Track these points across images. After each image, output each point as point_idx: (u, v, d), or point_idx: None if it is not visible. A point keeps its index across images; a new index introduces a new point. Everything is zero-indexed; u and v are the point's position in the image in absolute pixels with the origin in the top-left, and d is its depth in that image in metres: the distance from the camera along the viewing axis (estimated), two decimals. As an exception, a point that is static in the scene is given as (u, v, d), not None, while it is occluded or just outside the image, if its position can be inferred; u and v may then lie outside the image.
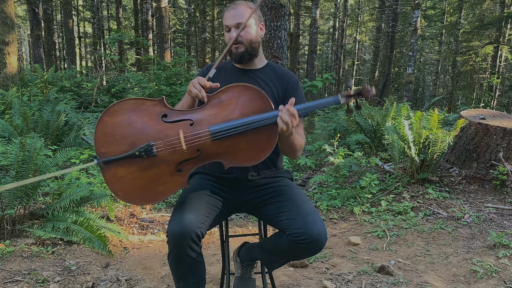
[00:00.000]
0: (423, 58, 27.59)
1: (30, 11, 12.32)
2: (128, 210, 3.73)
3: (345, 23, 21.54)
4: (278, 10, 5.07)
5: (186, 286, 1.84)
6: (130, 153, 1.69)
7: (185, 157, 1.71)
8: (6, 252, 2.71)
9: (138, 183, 1.73)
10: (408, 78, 11.80)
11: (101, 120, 1.73)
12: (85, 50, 25.88)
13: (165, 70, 8.02)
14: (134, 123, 1.72)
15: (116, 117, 1.72)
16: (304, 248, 1.76)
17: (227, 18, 1.96)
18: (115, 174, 1.72)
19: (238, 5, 1.95)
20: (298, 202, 1.86)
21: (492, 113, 4.49)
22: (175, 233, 1.69)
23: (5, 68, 7.73)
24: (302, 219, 1.76)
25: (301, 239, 1.73)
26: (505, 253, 2.89)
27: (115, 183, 1.73)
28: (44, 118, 5.00)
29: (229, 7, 1.98)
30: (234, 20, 1.92)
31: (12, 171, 2.91)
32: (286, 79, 2.02)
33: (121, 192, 1.74)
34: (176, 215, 1.75)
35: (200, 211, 1.79)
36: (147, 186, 1.74)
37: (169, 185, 1.74)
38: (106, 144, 1.71)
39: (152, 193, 1.75)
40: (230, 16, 1.95)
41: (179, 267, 1.79)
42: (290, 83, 2.01)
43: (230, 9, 1.97)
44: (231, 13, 1.94)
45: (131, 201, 1.78)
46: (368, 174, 4.24)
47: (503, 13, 14.74)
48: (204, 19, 18.77)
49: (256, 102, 1.74)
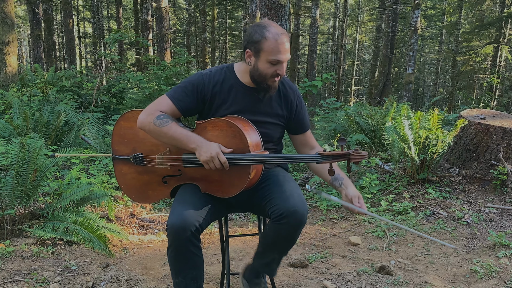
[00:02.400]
0: (423, 58, 27.59)
1: (30, 11, 12.32)
2: (128, 210, 3.73)
3: (345, 23, 21.54)
4: (278, 10, 5.07)
5: (183, 281, 1.84)
6: (127, 158, 2.00)
7: (169, 173, 1.96)
8: (6, 252, 2.71)
9: (135, 183, 2.03)
10: (408, 78, 11.80)
11: (118, 122, 2.01)
12: (85, 50, 25.88)
13: (165, 70, 8.01)
14: (138, 132, 1.96)
15: (128, 123, 1.99)
16: (285, 224, 1.77)
17: (279, 51, 1.80)
18: (121, 170, 2.04)
19: (286, 37, 1.81)
20: (280, 182, 1.91)
21: (492, 113, 4.49)
22: (175, 225, 1.73)
23: (5, 68, 7.73)
24: (280, 196, 1.81)
25: (279, 215, 1.77)
26: (505, 253, 2.89)
27: (120, 177, 2.05)
28: (44, 118, 5.00)
29: (278, 36, 1.79)
30: (287, 56, 1.82)
31: (12, 171, 2.91)
32: (290, 100, 2.02)
33: (123, 186, 2.06)
34: (175, 209, 1.79)
35: (199, 205, 1.83)
36: (141, 188, 2.03)
37: (157, 192, 2.01)
38: (118, 144, 2.02)
39: (144, 194, 2.04)
40: (283, 50, 1.81)
41: (178, 260, 1.81)
42: (294, 103, 2.03)
43: (281, 41, 1.79)
44: (284, 48, 1.81)
45: (130, 196, 2.07)
46: (368, 174, 4.24)
47: (503, 13, 14.74)
48: (204, 19, 18.77)
49: (235, 140, 1.82)
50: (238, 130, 1.81)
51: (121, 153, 2.01)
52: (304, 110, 2.08)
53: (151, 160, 1.96)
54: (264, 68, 1.83)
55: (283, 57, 1.81)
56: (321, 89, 14.78)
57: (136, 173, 2.01)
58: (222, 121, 1.84)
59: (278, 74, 1.84)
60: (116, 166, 2.04)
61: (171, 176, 1.96)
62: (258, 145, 1.88)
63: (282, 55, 1.81)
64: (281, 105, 2.00)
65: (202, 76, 1.93)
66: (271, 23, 1.84)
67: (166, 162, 1.93)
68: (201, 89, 1.91)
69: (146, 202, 2.10)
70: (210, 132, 1.86)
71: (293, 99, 2.03)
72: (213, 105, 1.94)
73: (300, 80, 18.40)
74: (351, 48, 26.05)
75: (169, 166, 1.93)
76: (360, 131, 5.69)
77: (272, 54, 1.80)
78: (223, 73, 1.96)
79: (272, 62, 1.81)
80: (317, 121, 7.55)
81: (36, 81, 7.92)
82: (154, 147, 1.94)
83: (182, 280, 1.84)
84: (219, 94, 1.93)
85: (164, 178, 1.97)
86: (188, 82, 1.93)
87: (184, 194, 1.89)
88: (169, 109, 1.89)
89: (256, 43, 1.81)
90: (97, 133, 4.92)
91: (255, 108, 1.96)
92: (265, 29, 1.81)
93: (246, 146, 1.80)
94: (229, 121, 1.83)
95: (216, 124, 1.85)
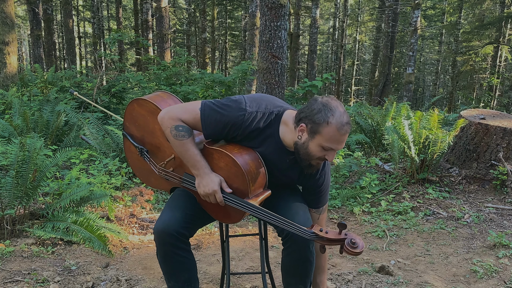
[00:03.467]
0: (423, 58, 27.59)
1: (30, 11, 12.32)
2: (128, 210, 3.73)
3: (345, 23, 21.55)
4: (278, 10, 5.07)
5: (176, 284, 1.85)
6: (135, 144, 2.00)
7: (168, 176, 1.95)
8: (6, 252, 2.71)
9: (140, 164, 2.05)
10: (408, 78, 11.80)
11: (132, 103, 1.99)
12: (85, 50, 25.88)
13: (165, 70, 8.02)
14: (148, 123, 1.94)
15: (142, 109, 1.95)
16: (293, 245, 1.77)
17: (336, 141, 1.66)
18: (129, 147, 2.07)
19: (349, 127, 1.67)
20: (286, 197, 1.90)
21: (492, 113, 4.49)
22: (159, 230, 1.76)
23: (5, 68, 7.73)
24: (285, 214, 1.77)
25: (286, 235, 1.78)
26: (505, 253, 2.89)
27: (128, 152, 2.09)
28: (44, 118, 5.00)
29: (342, 127, 1.64)
30: (341, 147, 1.70)
31: (12, 171, 2.91)
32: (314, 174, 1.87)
33: (129, 160, 2.11)
34: (163, 213, 1.82)
35: (189, 210, 1.83)
36: (145, 171, 2.05)
37: (159, 182, 2.02)
38: (129, 123, 2.03)
39: (146, 178, 2.07)
40: (341, 141, 1.68)
41: (166, 264, 1.82)
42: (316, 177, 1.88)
43: (343, 132, 1.65)
44: (343, 139, 1.67)
45: (134, 171, 2.12)
46: (368, 174, 4.24)
47: (503, 13, 14.74)
48: (204, 19, 18.77)
49: (237, 179, 1.75)
50: (242, 173, 1.71)
51: (131, 132, 2.02)
52: (325, 186, 1.92)
53: (153, 163, 1.96)
54: (315, 150, 1.69)
55: (339, 147, 1.69)
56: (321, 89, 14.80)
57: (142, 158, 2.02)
58: (229, 157, 1.73)
59: (326, 159, 1.73)
60: (125, 141, 2.06)
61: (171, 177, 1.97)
62: (262, 185, 1.80)
63: (339, 146, 1.68)
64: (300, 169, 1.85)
65: (243, 117, 1.73)
66: (339, 107, 1.66)
67: (166, 174, 1.92)
68: (235, 129, 1.75)
69: (148, 185, 2.16)
70: (215, 161, 1.78)
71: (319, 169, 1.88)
72: (238, 140, 1.81)
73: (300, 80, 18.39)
74: (351, 48, 26.05)
75: (168, 178, 1.93)
76: (360, 131, 5.69)
77: (329, 142, 1.65)
78: (267, 121, 1.77)
79: (325, 148, 1.68)
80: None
81: (36, 81, 7.93)
82: (161, 145, 1.91)
83: (175, 284, 1.85)
84: (253, 139, 1.79)
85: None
86: (227, 115, 1.73)
87: (177, 198, 1.90)
88: (193, 121, 1.75)
89: (315, 124, 1.65)
90: (97, 133, 4.92)
91: (279, 165, 1.83)
92: (331, 112, 1.63)
93: (247, 191, 1.74)
94: (235, 160, 1.71)
95: (223, 157, 1.75)
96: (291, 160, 1.81)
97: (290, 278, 1.90)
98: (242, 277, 2.68)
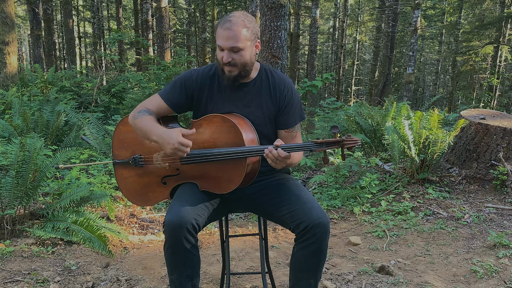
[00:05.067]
0: (423, 58, 27.58)
1: (30, 11, 12.31)
2: (128, 210, 3.73)
3: (345, 23, 21.54)
4: (278, 10, 5.07)
5: (179, 278, 1.85)
6: (126, 161, 2.02)
7: (168, 173, 1.97)
8: (6, 252, 2.71)
9: (135, 186, 2.05)
10: (408, 78, 11.80)
11: (117, 127, 2.04)
12: (85, 50, 25.88)
13: (165, 70, 8.02)
14: (136, 136, 1.96)
15: (127, 127, 1.99)
16: (312, 238, 1.77)
17: (221, 37, 1.79)
18: (121, 175, 2.07)
19: (233, 25, 1.77)
20: (296, 192, 1.90)
21: (492, 113, 4.49)
22: (171, 222, 1.75)
23: (5, 68, 7.73)
24: (301, 208, 1.81)
25: (303, 228, 1.77)
26: (505, 253, 2.89)
27: (121, 181, 2.08)
28: (44, 118, 5.00)
29: (224, 23, 1.79)
30: (228, 43, 1.78)
31: (12, 171, 2.91)
32: (279, 92, 1.96)
33: (124, 190, 2.08)
34: (173, 206, 1.81)
35: (197, 204, 1.84)
36: (141, 190, 2.04)
37: (157, 194, 2.02)
38: (118, 148, 2.05)
39: (144, 197, 2.05)
40: (224, 36, 1.78)
41: (173, 257, 1.82)
42: (283, 95, 1.96)
43: (224, 27, 1.78)
44: (226, 34, 1.78)
45: (130, 200, 2.09)
46: (368, 174, 4.24)
47: (503, 13, 14.74)
48: (204, 19, 18.77)
49: (230, 135, 1.83)
50: (233, 124, 1.82)
51: (121, 157, 2.04)
52: (295, 107, 1.99)
53: (149, 160, 1.98)
54: (217, 55, 1.85)
55: (225, 44, 1.79)
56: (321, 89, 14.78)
57: (136, 176, 2.03)
58: (216, 117, 1.86)
59: (225, 63, 1.81)
60: (117, 171, 2.07)
61: (170, 176, 1.98)
62: (254, 141, 1.89)
63: (225, 42, 1.78)
64: (266, 98, 1.95)
65: (191, 72, 1.96)
66: (236, 13, 1.83)
67: (164, 161, 1.95)
68: (189, 84, 1.93)
69: (146, 205, 2.20)
70: (206, 128, 1.88)
71: (282, 92, 1.96)
72: (203, 98, 1.95)
73: (300, 80, 18.39)
74: (351, 48, 26.04)
75: (167, 165, 1.95)
76: (360, 131, 5.68)
77: (218, 40, 1.81)
78: (213, 68, 1.96)
79: (219, 48, 1.82)
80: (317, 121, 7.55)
81: (36, 81, 7.93)
82: (152, 148, 1.96)
83: (177, 277, 1.85)
84: (207, 88, 1.94)
85: (163, 179, 1.99)
86: (177, 78, 1.97)
87: (183, 193, 1.91)
88: (157, 105, 1.92)
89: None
90: (97, 133, 4.92)
91: (243, 102, 1.94)
92: (225, 16, 1.84)
93: (241, 140, 1.81)
94: (224, 116, 1.85)
95: (211, 120, 1.87)
96: (244, 88, 1.93)
97: (302, 274, 1.88)
98: (242, 277, 2.68)
